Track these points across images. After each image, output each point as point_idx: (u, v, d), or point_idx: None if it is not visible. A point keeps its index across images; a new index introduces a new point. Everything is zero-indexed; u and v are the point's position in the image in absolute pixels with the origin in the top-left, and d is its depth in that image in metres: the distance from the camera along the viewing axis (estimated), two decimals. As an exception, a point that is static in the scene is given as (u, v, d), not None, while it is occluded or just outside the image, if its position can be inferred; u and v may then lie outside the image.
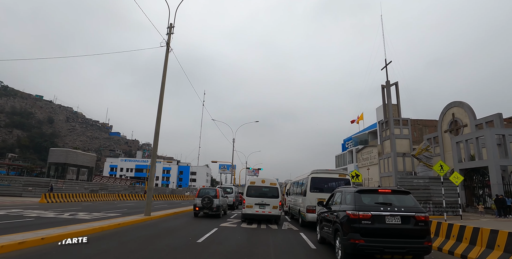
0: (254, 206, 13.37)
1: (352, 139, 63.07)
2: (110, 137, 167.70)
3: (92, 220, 11.46)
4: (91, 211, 16.56)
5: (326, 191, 12.09)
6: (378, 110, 50.84)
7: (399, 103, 37.54)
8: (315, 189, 12.31)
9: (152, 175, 13.85)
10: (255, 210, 13.30)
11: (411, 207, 6.26)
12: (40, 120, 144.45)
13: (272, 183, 14.03)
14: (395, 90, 37.47)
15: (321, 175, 12.62)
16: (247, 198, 13.61)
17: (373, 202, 6.38)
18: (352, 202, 6.42)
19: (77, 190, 32.11)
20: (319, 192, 12.13)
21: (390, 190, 6.69)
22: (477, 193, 23.65)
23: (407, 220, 6.05)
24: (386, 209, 6.10)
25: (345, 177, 12.70)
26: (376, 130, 52.68)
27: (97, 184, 37.27)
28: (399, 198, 6.54)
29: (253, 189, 13.80)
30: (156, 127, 14.14)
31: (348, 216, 6.21)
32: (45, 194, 24.20)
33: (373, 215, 6.02)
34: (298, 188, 15.17)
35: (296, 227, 12.91)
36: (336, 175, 12.69)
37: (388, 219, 6.04)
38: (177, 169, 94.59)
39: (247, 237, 9.70)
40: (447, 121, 31.13)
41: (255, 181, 14.22)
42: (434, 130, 40.74)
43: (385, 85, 37.58)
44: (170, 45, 14.86)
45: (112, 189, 39.74)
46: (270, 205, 13.37)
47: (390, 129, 35.91)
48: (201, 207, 15.25)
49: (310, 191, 12.25)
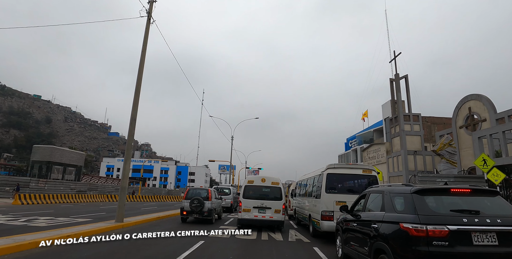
0: (253, 210, 11.32)
1: (356, 138, 60.42)
2: (108, 137, 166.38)
3: (44, 229, 9.10)
4: (59, 215, 14.02)
5: (346, 191, 9.52)
6: (384, 107, 48.35)
7: (409, 97, 34.87)
8: (332, 189, 9.52)
9: (126, 171, 11.23)
10: (254, 215, 11.27)
11: (509, 217, 3.69)
12: (37, 120, 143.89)
13: (274, 182, 11.90)
14: (405, 84, 34.83)
15: (340, 170, 9.80)
16: (244, 201, 11.55)
17: (446, 209, 3.81)
18: (410, 209, 3.90)
19: (62, 190, 29.57)
20: (337, 193, 9.42)
21: (469, 189, 4.10)
22: (504, 194, 21.04)
23: (507, 239, 3.48)
24: (472, 221, 3.53)
25: (371, 173, 9.69)
26: (382, 128, 50.14)
27: (85, 184, 34.72)
28: (485, 202, 3.98)
29: (251, 190, 11.79)
30: (133, 113, 11.62)
31: (405, 233, 3.70)
32: (19, 195, 21.63)
33: (451, 231, 3.47)
34: (308, 188, 12.43)
35: (306, 237, 10.26)
36: (358, 170, 9.77)
37: (477, 238, 3.47)
38: (175, 169, 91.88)
39: (243, 254, 7.23)
40: (463, 116, 28.53)
41: (253, 180, 12.10)
42: (442, 127, 38.18)
43: (394, 78, 34.97)
44: (152, 15, 12.30)
45: (102, 189, 37.21)
46: (271, 209, 11.29)
47: (400, 125, 33.26)
48: (189, 211, 12.94)
49: (326, 192, 9.48)
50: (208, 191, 13.84)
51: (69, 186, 31.55)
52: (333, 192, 9.46)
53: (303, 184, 13.97)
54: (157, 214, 15.44)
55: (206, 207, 12.91)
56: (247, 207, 11.34)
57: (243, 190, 11.80)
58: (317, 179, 10.66)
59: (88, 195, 31.50)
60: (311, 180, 11.99)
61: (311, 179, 12.11)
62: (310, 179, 12.25)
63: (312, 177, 11.96)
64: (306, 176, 13.83)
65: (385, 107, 48.33)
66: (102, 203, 27.39)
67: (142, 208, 22.60)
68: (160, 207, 24.28)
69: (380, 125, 51.88)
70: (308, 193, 12.19)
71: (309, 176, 12.90)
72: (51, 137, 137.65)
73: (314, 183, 11.20)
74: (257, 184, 11.82)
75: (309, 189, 12.24)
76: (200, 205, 12.76)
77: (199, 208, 12.75)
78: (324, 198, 9.37)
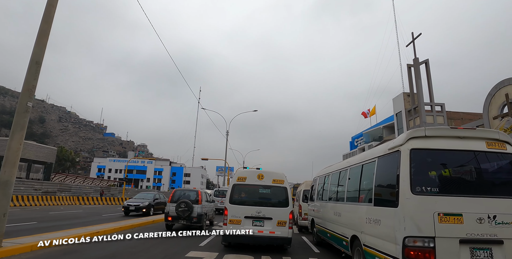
0: (244, 222, 7.67)
1: (363, 136, 55.68)
2: (104, 138, 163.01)
3: None
4: None
5: (461, 189, 4.39)
6: (395, 101, 43.67)
7: (431, 85, 30.11)
8: (427, 185, 4.29)
9: (13, 152, 6.38)
10: (247, 229, 7.41)
11: None
12: (30, 119, 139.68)
13: (277, 180, 8.09)
14: (425, 70, 30.15)
15: (440, 142, 4.58)
16: (231, 207, 7.85)
17: None
18: None
19: (22, 191, 24.83)
20: (441, 195, 4.22)
21: None
22: None
23: None
24: None
25: (505, 148, 4.55)
26: (393, 124, 45.55)
27: (55, 184, 29.98)
28: None
29: (243, 191, 8.16)
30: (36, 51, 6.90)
31: None
32: None
33: None
34: (350, 184, 6.89)
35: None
36: (479, 143, 4.59)
37: None
38: (169, 170, 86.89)
39: None
40: (498, 105, 23.90)
41: (246, 177, 8.23)
42: (460, 123, 33.88)
43: (413, 63, 30.26)
44: None
45: (77, 190, 32.51)
46: (273, 220, 7.65)
47: (421, 116, 28.39)
48: (175, 217, 11.01)
49: (415, 192, 4.24)
50: (197, 193, 11.78)
51: (32, 186, 26.79)
52: (430, 192, 4.27)
53: (335, 178, 8.13)
54: (100, 227, 10.59)
55: (195, 212, 10.99)
56: (236, 217, 7.69)
57: (230, 192, 8.04)
58: (380, 165, 5.36)
59: (57, 197, 26.89)
60: (356, 169, 6.52)
61: (355, 168, 6.61)
62: (355, 168, 6.66)
63: (358, 164, 6.50)
64: (340, 164, 8.19)
65: (396, 100, 43.68)
66: (62, 208, 22.65)
67: (103, 214, 17.82)
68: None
69: (391, 121, 47.34)
70: (351, 196, 6.76)
71: (351, 163, 7.09)
72: (44, 137, 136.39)
73: (367, 173, 5.87)
74: (252, 183, 8.11)
75: (351, 187, 6.85)
76: (188, 209, 10.86)
77: (187, 213, 10.84)
78: (409, 207, 4.25)
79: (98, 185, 40.35)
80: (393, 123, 46.40)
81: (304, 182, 14.18)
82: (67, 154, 68.49)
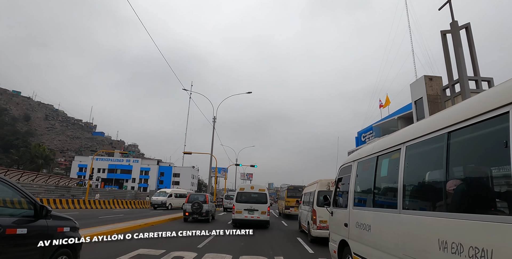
0: (243, 212, 14.23)
1: (373, 129, 49.38)
2: (93, 137, 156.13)
3: None
4: None
5: None
6: (413, 86, 37.33)
7: (475, 55, 23.73)
8: None
9: None
10: (244, 216, 14.16)
11: None
12: (15, 117, 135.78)
13: (261, 189, 15.17)
14: (466, 37, 23.71)
15: None
16: (236, 204, 14.42)
17: None
18: None
19: None
20: None
21: None
22: None
23: None
24: None
25: None
26: (410, 114, 39.33)
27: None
28: None
29: (243, 195, 14.72)
30: None
31: None
32: None
33: None
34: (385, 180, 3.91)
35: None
36: None
37: None
38: (157, 169, 79.76)
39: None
40: None
41: (244, 187, 15.34)
42: None
43: (450, 29, 23.90)
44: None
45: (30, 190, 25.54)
46: (258, 211, 14.27)
47: (465, 92, 21.99)
48: (191, 212, 16.18)
49: None
50: (205, 196, 17.53)
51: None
52: None
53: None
54: None
55: (204, 209, 16.31)
56: (239, 209, 14.37)
57: (236, 196, 14.82)
58: None
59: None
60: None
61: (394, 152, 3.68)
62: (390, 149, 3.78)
63: None
64: (372, 147, 4.74)
65: (414, 86, 37.43)
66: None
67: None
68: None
69: (408, 110, 41.06)
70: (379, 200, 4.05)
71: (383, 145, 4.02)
72: (28, 135, 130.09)
73: None
74: (247, 191, 14.99)
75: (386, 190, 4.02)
76: (199, 207, 16.21)
77: (199, 210, 16.19)
78: None
79: (63, 184, 33.55)
80: (411, 112, 39.66)
81: (319, 181, 12.20)
82: (40, 151, 61.50)
